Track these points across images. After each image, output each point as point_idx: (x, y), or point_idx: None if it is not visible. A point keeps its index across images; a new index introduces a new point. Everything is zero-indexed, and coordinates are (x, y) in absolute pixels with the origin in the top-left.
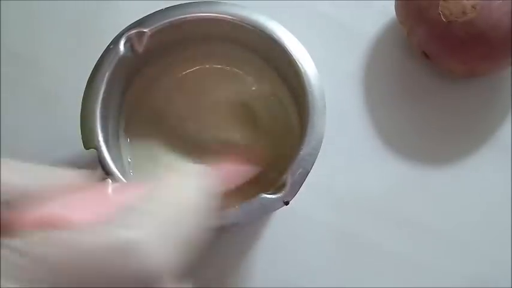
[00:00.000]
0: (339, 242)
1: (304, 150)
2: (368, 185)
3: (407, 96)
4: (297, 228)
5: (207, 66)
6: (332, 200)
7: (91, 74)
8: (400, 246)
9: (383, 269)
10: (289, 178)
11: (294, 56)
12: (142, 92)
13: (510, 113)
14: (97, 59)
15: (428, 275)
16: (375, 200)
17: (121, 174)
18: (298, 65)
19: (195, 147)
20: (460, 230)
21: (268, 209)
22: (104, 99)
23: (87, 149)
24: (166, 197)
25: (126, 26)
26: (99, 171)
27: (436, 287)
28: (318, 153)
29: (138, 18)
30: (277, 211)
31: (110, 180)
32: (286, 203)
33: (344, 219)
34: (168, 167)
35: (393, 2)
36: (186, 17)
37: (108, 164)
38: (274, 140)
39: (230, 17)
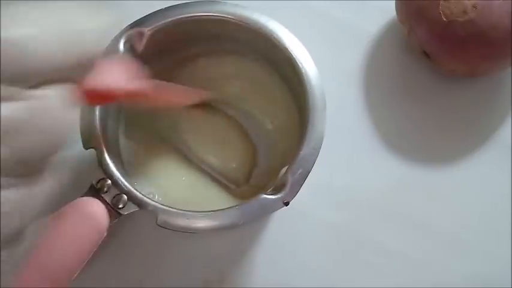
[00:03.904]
0: (339, 242)
1: (304, 150)
2: (368, 184)
3: (408, 96)
4: (297, 228)
5: (207, 65)
6: (332, 199)
7: None
8: (400, 245)
9: (383, 268)
10: (289, 178)
11: (294, 56)
12: None
13: (510, 113)
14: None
15: (428, 274)
16: (375, 199)
17: (120, 173)
18: (298, 65)
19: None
20: (460, 229)
21: (268, 210)
22: None
23: (86, 148)
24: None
25: (126, 25)
26: (99, 171)
27: (436, 286)
28: (318, 153)
29: (138, 18)
30: (277, 211)
31: None
32: (286, 204)
33: (344, 219)
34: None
35: (393, 2)
36: (186, 17)
37: (108, 164)
38: (275, 140)
39: (230, 16)
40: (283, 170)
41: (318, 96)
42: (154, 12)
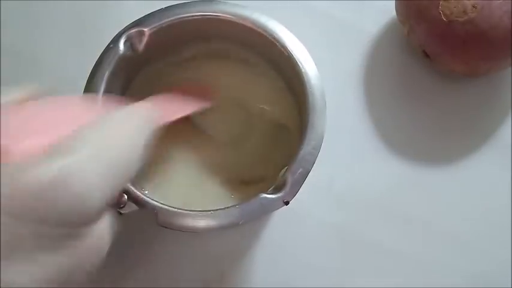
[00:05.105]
0: (339, 241)
1: (304, 150)
2: (368, 184)
3: (408, 96)
4: (297, 227)
5: (207, 65)
6: (332, 199)
7: (91, 73)
8: (400, 245)
9: (383, 267)
10: (289, 178)
11: (294, 56)
12: (142, 91)
13: (510, 113)
14: (97, 58)
15: (428, 274)
16: (375, 199)
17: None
18: (298, 65)
19: (194, 147)
20: (461, 229)
21: (268, 209)
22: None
23: None
24: (108, 128)
25: (126, 25)
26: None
27: (436, 286)
28: (318, 153)
29: (138, 18)
30: (277, 211)
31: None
32: (286, 203)
33: (344, 219)
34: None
35: (393, 2)
36: (186, 16)
37: None
38: (275, 140)
39: (230, 16)
40: (283, 169)
41: (318, 96)
42: (154, 12)
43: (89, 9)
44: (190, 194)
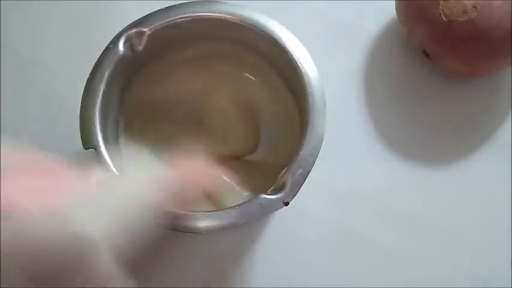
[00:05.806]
0: (340, 242)
1: (304, 150)
2: (368, 184)
3: (408, 96)
4: (297, 228)
5: (207, 66)
6: (332, 199)
7: (90, 74)
8: (400, 245)
9: (383, 268)
10: (289, 178)
11: (294, 56)
12: (141, 92)
13: (510, 113)
14: (96, 59)
15: (429, 274)
16: (376, 199)
17: (119, 173)
18: (298, 65)
19: (194, 147)
20: (460, 229)
21: (268, 210)
22: (103, 99)
23: (86, 148)
24: (115, 196)
25: (126, 25)
26: (98, 171)
27: (437, 286)
28: (318, 153)
29: (137, 18)
30: (277, 211)
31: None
32: (286, 204)
33: (344, 219)
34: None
35: (393, 2)
36: (185, 17)
37: (107, 164)
38: (275, 140)
39: (230, 16)
40: (283, 170)
41: (318, 96)
42: (154, 12)
43: (88, 9)
44: None
